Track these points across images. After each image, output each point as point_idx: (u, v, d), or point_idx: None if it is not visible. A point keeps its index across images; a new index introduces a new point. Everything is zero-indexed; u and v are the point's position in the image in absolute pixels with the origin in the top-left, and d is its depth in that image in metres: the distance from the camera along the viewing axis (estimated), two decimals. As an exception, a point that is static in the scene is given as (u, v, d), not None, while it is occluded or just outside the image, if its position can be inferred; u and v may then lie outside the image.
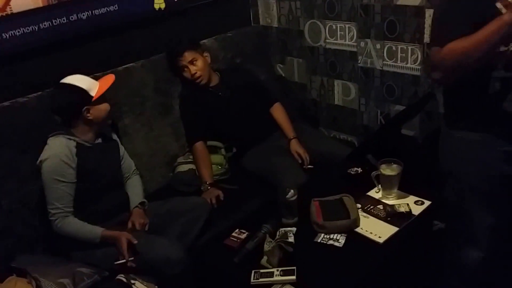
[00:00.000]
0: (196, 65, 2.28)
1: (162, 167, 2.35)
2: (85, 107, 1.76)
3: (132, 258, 1.70)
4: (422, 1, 2.10)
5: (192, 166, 2.30)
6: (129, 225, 1.83)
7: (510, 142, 1.35)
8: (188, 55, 2.27)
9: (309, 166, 2.24)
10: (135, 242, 1.72)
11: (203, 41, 2.52)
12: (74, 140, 1.78)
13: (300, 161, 2.25)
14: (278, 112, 2.44)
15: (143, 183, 2.08)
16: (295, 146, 2.29)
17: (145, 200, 1.96)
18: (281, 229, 1.68)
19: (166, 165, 2.36)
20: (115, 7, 2.21)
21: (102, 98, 1.81)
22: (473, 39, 1.22)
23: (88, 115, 1.78)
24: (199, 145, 2.29)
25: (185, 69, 2.29)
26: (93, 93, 1.78)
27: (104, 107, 1.83)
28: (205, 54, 2.36)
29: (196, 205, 1.96)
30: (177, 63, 2.30)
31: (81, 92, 1.76)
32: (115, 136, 2.00)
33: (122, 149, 2.00)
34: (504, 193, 1.43)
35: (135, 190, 1.99)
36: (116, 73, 2.15)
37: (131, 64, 2.31)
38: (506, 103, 1.30)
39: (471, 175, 1.44)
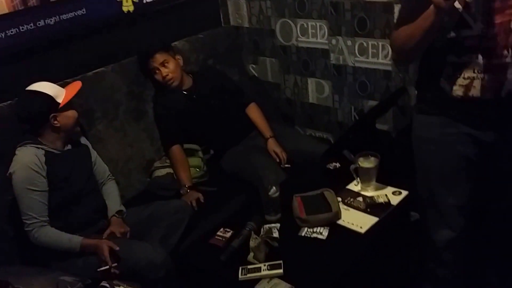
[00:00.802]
0: (168, 67, 2.26)
1: (138, 173, 2.31)
2: (52, 114, 1.73)
3: (115, 264, 1.67)
4: (390, -3, 2.16)
5: (169, 170, 2.28)
6: (105, 235, 1.79)
7: (467, 125, 1.39)
8: (159, 57, 2.25)
9: (286, 165, 2.26)
10: (117, 248, 1.69)
11: (174, 43, 2.50)
12: (42, 149, 1.75)
13: (278, 160, 2.26)
14: (254, 112, 2.45)
15: (120, 190, 2.04)
16: (272, 145, 2.31)
17: (122, 208, 1.93)
18: (265, 225, 1.69)
19: (142, 170, 2.33)
20: (83, 11, 2.17)
21: (69, 105, 1.78)
22: (412, 26, 1.33)
23: (56, 122, 1.75)
24: (175, 148, 2.26)
25: (157, 71, 2.27)
26: (60, 100, 1.76)
27: (72, 114, 1.80)
28: (177, 56, 2.34)
29: (177, 209, 1.94)
30: (148, 65, 2.27)
31: (48, 99, 1.73)
32: (85, 141, 1.97)
33: (94, 154, 1.97)
34: (462, 174, 1.46)
35: (111, 197, 1.95)
36: (86, 79, 2.13)
37: (101, 69, 2.27)
38: (456, 87, 1.35)
39: (432, 156, 1.48)
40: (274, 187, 1.75)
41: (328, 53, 2.51)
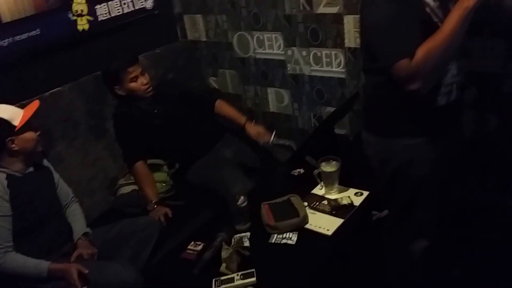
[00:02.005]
0: (146, 76, 2.25)
1: (102, 192, 2.28)
2: (9, 138, 1.68)
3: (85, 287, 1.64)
4: (339, 9, 2.25)
5: (134, 187, 2.27)
6: (73, 258, 1.75)
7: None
8: (138, 67, 2.23)
9: (284, 142, 2.31)
10: (86, 271, 1.66)
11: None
12: (3, 172, 1.70)
13: (265, 140, 2.28)
14: (222, 107, 2.45)
15: (85, 210, 2.01)
16: (253, 128, 2.33)
17: (88, 230, 1.89)
18: (235, 235, 1.71)
19: (107, 189, 2.30)
20: (37, 31, 2.14)
21: (26, 127, 1.73)
22: (441, 36, 1.25)
23: (13, 146, 1.70)
24: (139, 165, 2.25)
25: (137, 79, 2.21)
26: (16, 122, 1.70)
27: (30, 136, 1.75)
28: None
29: (145, 225, 1.93)
30: (127, 74, 2.19)
31: (2, 123, 1.68)
32: (47, 163, 1.92)
33: (56, 175, 1.93)
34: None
35: (76, 220, 1.91)
36: (43, 99, 2.08)
37: (58, 89, 2.23)
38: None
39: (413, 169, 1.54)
40: (242, 197, 1.77)
41: (285, 63, 2.59)
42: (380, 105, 1.53)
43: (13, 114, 1.72)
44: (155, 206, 2.13)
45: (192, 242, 1.74)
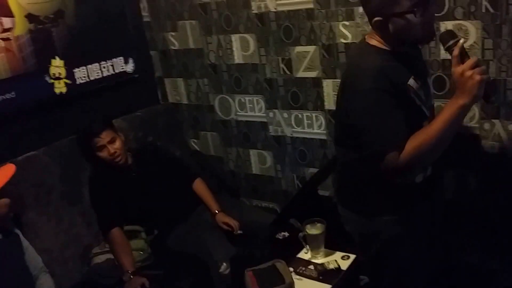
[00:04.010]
0: (115, 144, 2.21)
1: (76, 261, 2.15)
2: None
3: None
4: (318, 73, 2.32)
5: (109, 255, 2.15)
6: None
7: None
8: (106, 134, 2.19)
9: (239, 232, 2.21)
10: None
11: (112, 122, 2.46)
12: None
13: (230, 230, 2.21)
14: (200, 187, 2.42)
15: (56, 281, 1.88)
16: (221, 218, 2.27)
17: None
18: (218, 306, 1.60)
19: (80, 258, 2.17)
20: (12, 94, 2.11)
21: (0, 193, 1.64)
22: (433, 132, 1.21)
23: None
24: (115, 231, 2.14)
25: (103, 149, 2.19)
26: None
27: (3, 202, 1.66)
28: (119, 133, 2.30)
29: (120, 298, 1.79)
30: (94, 143, 2.18)
31: None
32: (16, 230, 1.81)
33: (25, 243, 1.81)
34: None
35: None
36: (16, 163, 1.98)
37: (32, 153, 2.16)
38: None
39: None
40: (224, 263, 1.69)
41: (267, 125, 2.60)
42: (355, 183, 1.50)
43: None
44: (132, 276, 2.01)
45: (171, 315, 1.62)
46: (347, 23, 2.12)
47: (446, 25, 1.88)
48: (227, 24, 2.49)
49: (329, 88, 2.30)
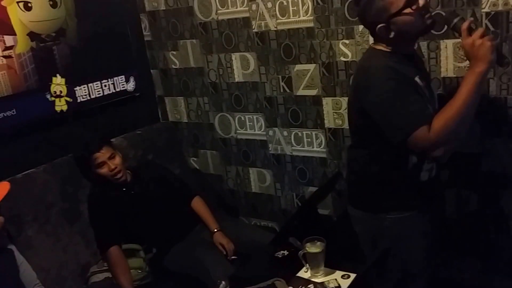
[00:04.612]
0: (115, 160, 2.20)
1: (73, 280, 2.12)
2: None
3: None
4: (318, 91, 2.32)
5: (108, 274, 2.12)
6: None
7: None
8: (106, 151, 2.18)
9: (233, 257, 2.19)
10: None
11: (111, 140, 2.46)
12: None
13: (224, 253, 2.19)
14: (199, 205, 2.41)
15: (52, 301, 1.85)
16: (219, 238, 2.25)
17: None
18: (217, 327, 1.57)
19: (78, 277, 2.14)
20: (13, 112, 2.11)
21: None
22: (458, 103, 1.27)
23: None
24: (113, 250, 2.12)
25: (104, 165, 2.18)
26: None
27: None
28: (117, 151, 2.30)
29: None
30: (93, 160, 2.17)
31: None
32: (10, 245, 1.79)
33: (20, 258, 1.79)
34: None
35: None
36: (15, 181, 2.01)
37: (31, 170, 2.15)
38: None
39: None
40: (223, 282, 1.66)
41: (267, 143, 2.60)
42: (365, 180, 1.56)
43: None
44: (129, 295, 1.98)
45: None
46: (347, 41, 2.15)
47: (446, 44, 1.90)
48: (228, 43, 2.52)
49: (329, 106, 2.31)
